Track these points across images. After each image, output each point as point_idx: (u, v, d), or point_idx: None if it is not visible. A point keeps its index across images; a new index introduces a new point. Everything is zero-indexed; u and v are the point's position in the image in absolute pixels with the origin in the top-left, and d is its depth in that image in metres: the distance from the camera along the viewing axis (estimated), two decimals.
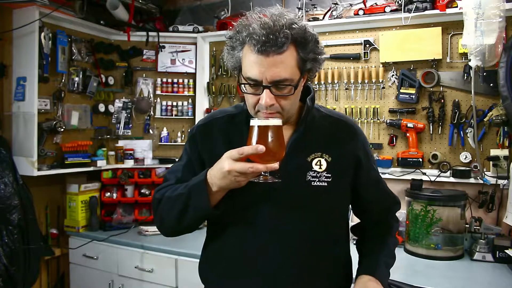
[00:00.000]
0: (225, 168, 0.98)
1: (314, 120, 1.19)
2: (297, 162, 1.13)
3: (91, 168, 2.72)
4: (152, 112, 3.02)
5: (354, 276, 1.25)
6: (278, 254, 1.12)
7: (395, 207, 1.35)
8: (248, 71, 1.03)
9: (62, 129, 2.50)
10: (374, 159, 1.30)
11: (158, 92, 3.01)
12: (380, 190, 1.30)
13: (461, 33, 2.13)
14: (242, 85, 1.07)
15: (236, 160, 0.98)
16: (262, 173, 1.00)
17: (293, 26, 1.01)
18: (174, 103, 3.04)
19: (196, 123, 1.35)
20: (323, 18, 2.59)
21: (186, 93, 3.03)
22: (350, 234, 1.33)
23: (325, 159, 1.14)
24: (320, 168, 1.14)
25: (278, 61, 1.00)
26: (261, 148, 0.95)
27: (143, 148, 2.97)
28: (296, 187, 1.13)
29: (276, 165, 0.97)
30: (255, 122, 1.01)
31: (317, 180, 1.13)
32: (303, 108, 1.17)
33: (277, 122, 1.02)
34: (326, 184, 1.13)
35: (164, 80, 3.02)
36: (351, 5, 2.55)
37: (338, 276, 1.23)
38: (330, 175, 1.14)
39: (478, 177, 2.21)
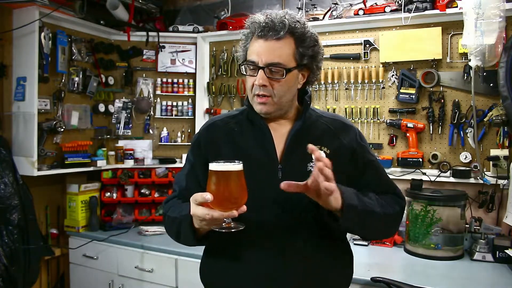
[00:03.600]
0: (191, 211, 1.02)
1: (311, 117, 1.25)
2: (298, 153, 1.18)
3: (91, 168, 2.72)
4: (152, 112, 3.02)
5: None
6: (283, 246, 1.14)
7: (397, 199, 1.27)
8: (249, 55, 1.16)
9: (62, 129, 2.50)
10: (370, 150, 1.30)
11: (158, 92, 3.01)
12: (379, 174, 1.28)
13: (461, 33, 2.13)
14: (243, 67, 1.18)
15: (197, 205, 0.99)
16: (225, 219, 0.99)
17: (294, 20, 1.13)
18: (174, 103, 3.04)
19: (196, 122, 1.38)
20: (323, 18, 2.58)
21: (186, 93, 3.03)
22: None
23: (324, 151, 1.18)
24: None
25: (275, 47, 1.12)
26: (208, 197, 0.95)
27: (143, 148, 2.97)
28: (298, 177, 1.13)
29: (234, 213, 0.97)
30: (214, 167, 1.00)
31: None
32: (301, 107, 1.25)
33: (237, 167, 1.00)
34: None
35: (164, 80, 3.02)
36: (351, 5, 2.55)
37: (340, 267, 1.23)
38: None
39: (478, 177, 2.21)
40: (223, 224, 1.00)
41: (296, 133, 1.20)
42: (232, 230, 1.00)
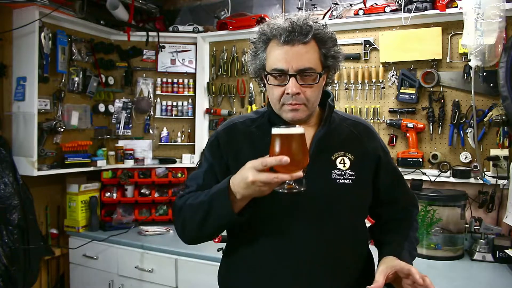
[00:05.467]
0: (249, 179, 0.98)
1: (335, 121, 1.22)
2: (322, 161, 1.16)
3: (91, 168, 2.72)
4: (152, 112, 3.02)
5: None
6: (306, 251, 1.12)
7: (415, 210, 1.35)
8: (274, 63, 1.08)
9: (62, 129, 2.50)
10: (390, 156, 1.32)
11: (158, 92, 3.01)
12: (399, 189, 1.31)
13: (461, 33, 2.13)
14: (267, 78, 1.11)
15: (260, 171, 0.97)
16: (286, 181, 1.00)
17: (314, 22, 1.09)
18: (174, 103, 3.04)
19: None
20: (323, 18, 2.58)
21: (186, 93, 3.03)
22: None
23: (348, 158, 1.18)
24: (344, 166, 1.16)
25: (303, 51, 1.06)
26: (286, 160, 0.93)
27: (143, 148, 2.97)
28: (322, 185, 1.15)
29: (300, 174, 0.96)
30: (277, 131, 1.00)
31: (342, 178, 1.15)
32: (323, 111, 1.21)
33: (300, 130, 1.00)
34: (350, 181, 1.16)
35: (164, 80, 3.02)
36: (351, 5, 2.55)
37: (363, 271, 1.23)
38: (354, 173, 1.16)
39: (478, 177, 2.21)
40: (285, 185, 1.00)
41: (320, 139, 1.17)
42: (294, 191, 1.00)
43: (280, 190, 1.01)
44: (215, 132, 1.27)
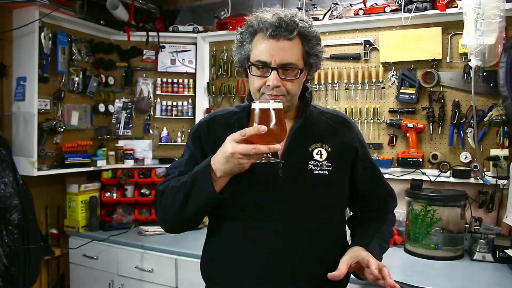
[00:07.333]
0: (228, 151, 1.01)
1: (312, 114, 1.26)
2: (299, 151, 1.18)
3: (91, 168, 2.72)
4: (152, 112, 3.02)
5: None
6: (283, 241, 1.14)
7: (392, 202, 1.38)
8: (258, 55, 1.12)
9: (62, 129, 2.50)
10: (368, 149, 1.35)
11: (158, 92, 3.02)
12: (376, 182, 1.35)
13: (461, 33, 2.13)
14: (250, 68, 1.15)
15: (239, 142, 1.01)
16: (265, 154, 1.03)
17: (301, 20, 1.11)
18: (174, 103, 3.04)
19: (197, 122, 1.38)
20: (323, 18, 2.59)
21: (186, 93, 3.03)
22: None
23: (325, 149, 1.20)
24: (321, 157, 1.19)
25: (287, 47, 1.10)
26: (263, 128, 0.98)
27: (143, 148, 2.97)
28: (298, 175, 1.17)
29: (278, 146, 1.00)
30: (256, 105, 1.05)
31: (318, 168, 1.18)
32: (302, 104, 1.24)
33: (278, 105, 1.05)
34: (327, 172, 1.18)
35: (164, 80, 3.02)
36: (351, 5, 2.55)
37: (337, 261, 1.23)
38: (330, 164, 1.19)
39: (478, 177, 2.21)
40: (263, 159, 1.05)
41: (297, 131, 1.20)
42: (271, 161, 1.05)
43: (258, 161, 1.05)
44: (197, 123, 1.31)
